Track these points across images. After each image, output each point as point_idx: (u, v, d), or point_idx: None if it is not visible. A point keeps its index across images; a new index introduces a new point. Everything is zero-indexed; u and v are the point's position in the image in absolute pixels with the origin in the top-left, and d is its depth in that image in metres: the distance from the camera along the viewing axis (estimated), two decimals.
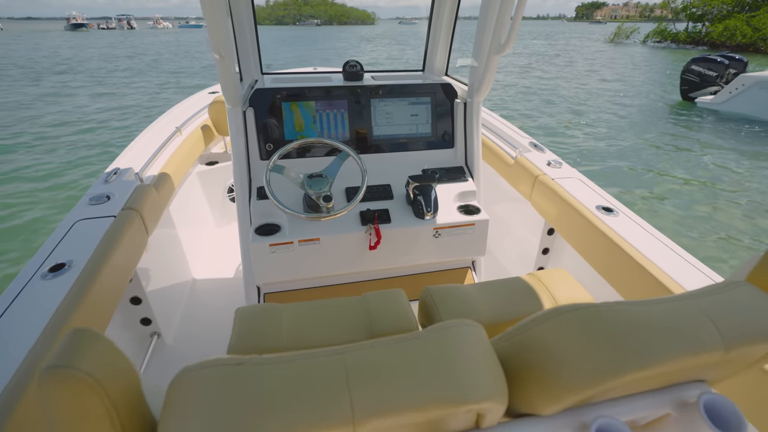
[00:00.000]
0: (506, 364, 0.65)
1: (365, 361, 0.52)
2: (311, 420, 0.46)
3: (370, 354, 0.54)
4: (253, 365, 0.50)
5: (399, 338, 0.57)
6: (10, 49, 27.20)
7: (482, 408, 0.54)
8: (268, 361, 0.51)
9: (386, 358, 0.53)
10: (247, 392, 0.47)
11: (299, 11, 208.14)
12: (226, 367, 0.50)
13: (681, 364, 0.58)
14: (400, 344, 0.56)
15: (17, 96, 11.34)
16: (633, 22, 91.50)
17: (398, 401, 0.49)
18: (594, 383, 0.55)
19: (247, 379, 0.49)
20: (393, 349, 0.55)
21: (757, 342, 0.61)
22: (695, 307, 0.63)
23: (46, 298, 1.13)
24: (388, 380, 0.51)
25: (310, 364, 0.51)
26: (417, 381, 0.51)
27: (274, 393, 0.48)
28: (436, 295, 1.24)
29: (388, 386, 0.50)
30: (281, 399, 0.47)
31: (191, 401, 0.47)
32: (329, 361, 0.52)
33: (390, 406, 0.49)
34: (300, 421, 0.46)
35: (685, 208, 5.06)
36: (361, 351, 0.54)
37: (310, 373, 0.50)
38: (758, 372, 0.96)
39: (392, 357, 0.54)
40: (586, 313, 0.60)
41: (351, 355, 0.53)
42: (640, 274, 1.36)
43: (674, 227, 4.59)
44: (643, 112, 10.05)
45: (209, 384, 0.48)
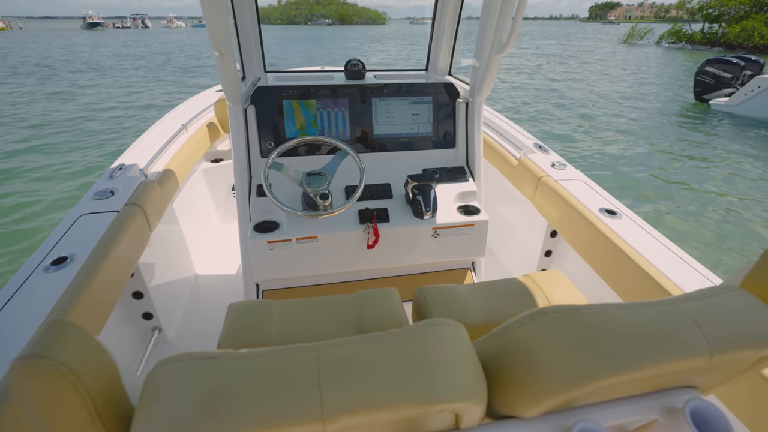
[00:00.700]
0: (489, 365, 0.65)
1: (338, 358, 0.52)
2: (279, 415, 0.46)
3: (344, 350, 0.53)
4: (225, 359, 0.50)
5: (376, 335, 0.57)
6: (29, 47, 27.78)
7: (457, 408, 0.53)
8: (241, 356, 0.51)
9: (360, 355, 0.53)
10: (217, 385, 0.47)
11: (311, 11, 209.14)
12: (198, 361, 0.50)
13: (664, 369, 0.57)
14: (376, 341, 0.55)
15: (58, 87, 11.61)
16: (647, 22, 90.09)
17: (368, 399, 0.49)
18: (573, 386, 0.55)
19: (217, 372, 0.49)
20: (368, 346, 0.55)
21: (745, 348, 0.60)
22: (681, 311, 0.62)
23: (48, 291, 1.15)
24: (359, 377, 0.50)
25: (283, 359, 0.51)
26: (389, 379, 0.51)
27: (242, 387, 0.47)
28: (428, 294, 1.24)
29: (359, 383, 0.50)
30: (249, 393, 0.47)
31: (162, 393, 0.47)
32: (302, 357, 0.52)
33: (360, 403, 0.48)
34: (267, 416, 0.46)
35: (697, 214, 4.93)
36: (336, 347, 0.54)
37: (282, 369, 0.50)
38: (757, 378, 0.94)
39: (366, 354, 0.53)
40: (568, 315, 0.59)
41: (325, 351, 0.53)
42: (642, 279, 1.33)
43: (684, 235, 4.48)
44: (655, 113, 9.89)
45: (180, 377, 0.48)
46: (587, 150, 7.25)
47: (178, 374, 0.49)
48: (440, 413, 0.54)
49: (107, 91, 12.00)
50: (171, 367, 0.49)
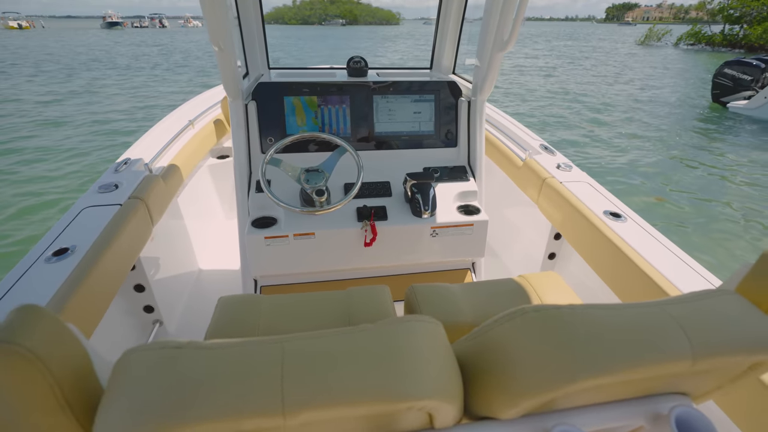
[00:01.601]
0: (467, 365, 0.64)
1: (303, 351, 0.51)
2: (240, 407, 0.46)
3: (311, 344, 0.53)
4: (192, 349, 0.50)
5: (347, 330, 0.56)
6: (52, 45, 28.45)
7: (427, 406, 0.53)
8: (209, 346, 0.51)
9: (326, 349, 0.52)
10: (180, 375, 0.47)
11: (325, 11, 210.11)
12: (165, 350, 0.49)
13: (645, 373, 0.55)
14: (344, 336, 0.55)
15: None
16: (666, 24, 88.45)
17: (330, 393, 0.48)
18: (550, 388, 0.53)
19: (182, 362, 0.48)
20: (336, 340, 0.54)
21: (733, 353, 0.58)
22: (667, 313, 0.60)
23: (48, 281, 1.17)
24: (322, 371, 0.49)
25: (249, 351, 0.51)
26: (353, 374, 0.50)
27: (206, 378, 0.47)
28: (419, 293, 1.23)
29: (321, 377, 0.49)
30: (212, 384, 0.47)
31: (127, 382, 0.47)
32: (267, 349, 0.51)
33: (321, 397, 0.48)
34: (228, 407, 0.45)
35: (710, 219, 4.80)
36: (303, 340, 0.53)
37: (246, 360, 0.49)
38: (756, 384, 0.91)
39: (333, 348, 0.52)
40: (548, 315, 0.58)
41: (291, 344, 0.52)
42: (645, 283, 1.30)
43: (692, 241, 4.35)
44: (670, 116, 9.69)
45: (145, 365, 0.48)
46: (598, 153, 7.13)
47: (143, 363, 0.49)
48: (410, 411, 0.53)
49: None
50: (138, 356, 0.49)
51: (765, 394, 0.90)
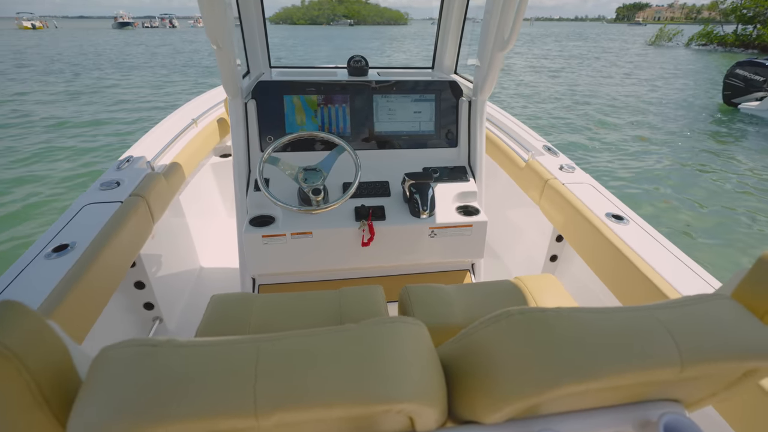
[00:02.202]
0: (452, 367, 0.63)
1: (280, 351, 0.50)
2: (211, 407, 0.45)
3: (289, 344, 0.52)
4: (169, 347, 0.50)
5: (327, 330, 0.55)
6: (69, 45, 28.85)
7: (406, 409, 0.51)
8: (185, 345, 0.50)
9: (303, 349, 0.51)
10: (154, 374, 0.47)
11: (333, 11, 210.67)
12: (141, 348, 0.49)
13: (631, 379, 0.54)
14: (323, 336, 0.54)
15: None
16: (678, 24, 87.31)
17: (304, 395, 0.47)
18: (533, 392, 0.52)
19: (158, 360, 0.48)
20: (313, 340, 0.53)
21: (725, 360, 0.56)
22: (656, 318, 0.58)
23: (47, 277, 1.19)
24: (297, 372, 0.49)
25: (225, 351, 0.50)
26: (330, 375, 0.49)
27: (179, 377, 0.47)
28: (413, 293, 1.22)
29: (296, 378, 0.48)
30: (184, 383, 0.46)
31: (102, 378, 0.47)
32: (243, 348, 0.50)
33: (295, 399, 0.47)
34: (200, 407, 0.45)
35: (721, 228, 4.65)
36: (280, 340, 0.52)
37: (221, 360, 0.49)
38: (755, 390, 0.89)
39: (309, 349, 0.51)
40: (533, 318, 0.57)
41: (268, 344, 0.51)
42: (646, 287, 1.28)
43: (703, 250, 4.23)
44: (680, 117, 9.56)
45: (121, 363, 0.48)
46: (605, 156, 7.04)
47: (119, 360, 0.48)
48: (389, 414, 0.52)
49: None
50: (114, 353, 0.49)
51: (764, 401, 0.88)
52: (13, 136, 7.43)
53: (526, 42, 37.94)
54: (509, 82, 14.56)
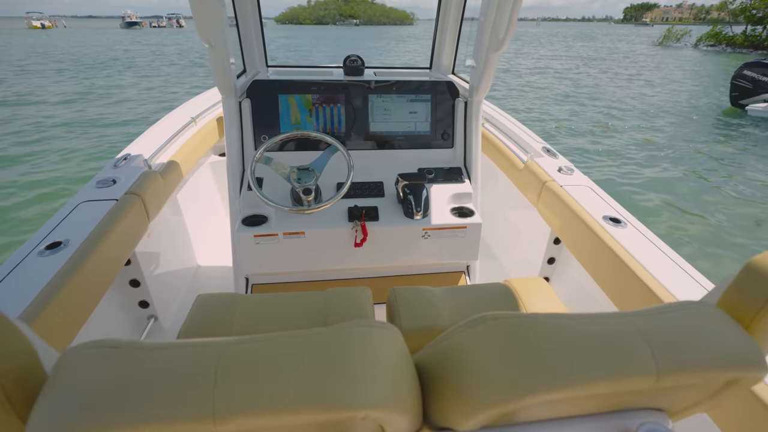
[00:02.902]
0: (428, 373, 0.62)
1: (243, 355, 0.50)
2: (168, 411, 0.44)
3: (253, 347, 0.51)
4: (131, 350, 0.49)
5: (295, 334, 0.54)
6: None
7: (372, 416, 0.50)
8: (148, 347, 0.50)
9: (266, 353, 0.50)
10: (112, 376, 0.46)
11: (339, 11, 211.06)
12: (103, 350, 0.48)
13: (605, 388, 0.53)
14: (291, 339, 0.52)
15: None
16: (686, 24, 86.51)
17: (264, 400, 0.46)
18: (505, 400, 0.51)
19: (118, 363, 0.47)
20: (281, 343, 0.52)
21: (704, 369, 0.55)
22: (634, 326, 0.57)
23: (39, 275, 1.19)
24: (259, 377, 0.47)
25: (186, 354, 0.49)
26: (292, 380, 0.48)
27: (137, 379, 0.46)
28: (400, 295, 1.21)
29: (257, 383, 0.47)
30: (142, 387, 0.45)
31: (62, 380, 0.47)
32: (205, 352, 0.49)
33: (255, 404, 0.46)
34: (156, 411, 0.44)
35: (724, 237, 4.52)
36: (245, 344, 0.51)
37: (182, 363, 0.48)
38: (749, 396, 0.87)
39: (275, 352, 0.50)
40: (507, 324, 0.56)
41: (231, 347, 0.50)
42: (642, 291, 1.26)
43: (706, 258, 4.12)
44: (685, 119, 9.47)
45: (81, 365, 0.47)
46: (607, 160, 6.95)
47: (80, 362, 0.48)
48: (355, 421, 0.50)
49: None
50: (76, 355, 0.48)
51: (757, 408, 0.86)
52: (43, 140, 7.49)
53: (526, 42, 37.76)
54: (514, 81, 14.50)
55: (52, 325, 1.10)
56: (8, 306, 1.07)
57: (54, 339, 1.11)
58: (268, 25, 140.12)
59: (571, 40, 41.53)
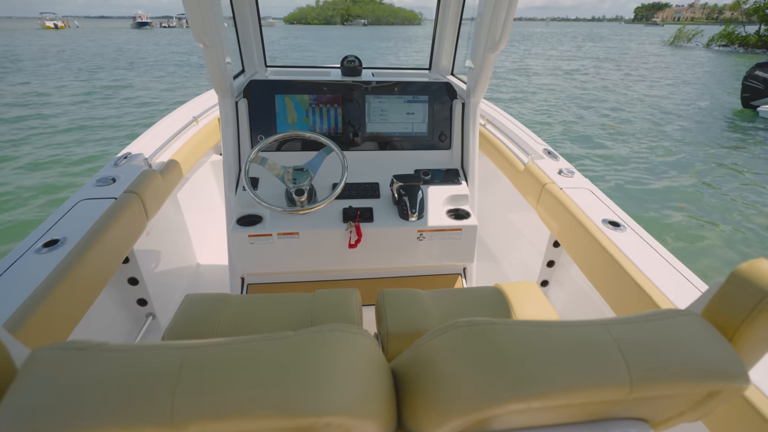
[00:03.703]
0: (403, 378, 0.61)
1: (207, 359, 0.49)
2: (125, 415, 0.43)
3: (217, 351, 0.50)
4: (96, 352, 0.48)
5: (263, 337, 0.53)
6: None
7: (336, 422, 0.48)
8: (115, 349, 0.49)
9: (232, 356, 0.49)
10: (75, 378, 0.45)
11: (347, 11, 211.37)
12: (68, 351, 0.48)
13: (577, 398, 0.51)
14: (257, 344, 0.52)
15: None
16: (698, 24, 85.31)
17: (225, 405, 0.45)
18: (474, 408, 0.50)
19: (81, 365, 0.47)
20: (247, 347, 0.51)
21: (678, 380, 0.54)
22: (609, 334, 0.56)
23: (36, 272, 1.21)
24: (220, 381, 0.46)
25: (149, 356, 0.49)
26: (253, 385, 0.47)
27: (98, 382, 0.45)
28: (387, 298, 1.20)
29: (218, 388, 0.46)
30: (102, 388, 0.45)
31: (26, 381, 0.46)
32: (170, 354, 0.49)
33: (215, 409, 0.45)
34: (113, 414, 0.43)
35: (734, 246, 4.41)
36: (210, 347, 0.50)
37: (145, 365, 0.47)
38: (743, 404, 0.86)
39: (240, 356, 0.49)
40: (479, 330, 0.55)
41: (196, 351, 0.49)
42: (640, 297, 1.24)
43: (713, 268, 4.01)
44: (694, 121, 9.33)
45: (45, 366, 0.47)
46: (613, 164, 6.86)
47: (45, 364, 0.47)
48: (317, 427, 0.49)
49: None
50: (41, 356, 0.48)
51: (753, 416, 0.85)
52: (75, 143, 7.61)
53: (535, 43, 37.47)
54: (525, 82, 14.41)
55: (48, 322, 1.12)
56: (3, 303, 1.09)
57: (50, 336, 1.12)
58: (276, 25, 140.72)
59: (580, 40, 41.18)
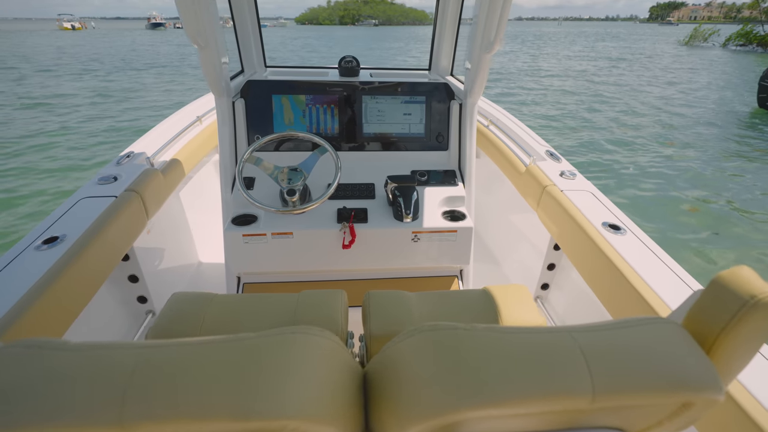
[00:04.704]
0: (370, 382, 0.61)
1: (162, 360, 0.48)
2: (74, 415, 0.43)
3: (173, 352, 0.49)
4: (53, 350, 0.48)
5: (223, 338, 0.52)
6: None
7: (290, 426, 0.47)
8: (71, 348, 0.49)
9: (188, 358, 0.49)
10: (27, 376, 0.45)
11: (358, 11, 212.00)
12: (26, 349, 0.48)
13: (537, 406, 0.50)
14: (214, 345, 0.51)
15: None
16: (715, 23, 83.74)
17: (175, 408, 0.44)
18: (432, 415, 0.49)
19: (36, 362, 0.46)
20: (205, 349, 0.50)
21: (645, 391, 0.52)
22: (575, 342, 0.55)
23: (34, 268, 1.23)
24: (173, 383, 0.46)
25: (106, 356, 0.48)
26: (204, 387, 0.46)
27: (51, 380, 0.45)
28: (373, 300, 1.20)
29: (170, 389, 0.45)
30: (54, 387, 0.44)
31: None
32: (126, 354, 0.48)
33: (164, 412, 0.44)
34: (62, 414, 0.43)
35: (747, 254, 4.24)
36: (166, 348, 0.50)
37: (98, 365, 0.47)
38: (734, 409, 0.84)
39: (196, 358, 0.49)
40: (441, 335, 0.55)
41: (152, 351, 0.49)
42: (637, 302, 1.22)
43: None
44: (707, 123, 9.14)
45: (3, 364, 0.47)
46: (621, 162, 6.76)
47: (3, 361, 0.47)
48: (270, 431, 0.48)
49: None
50: (1, 353, 0.48)
51: (746, 422, 0.83)
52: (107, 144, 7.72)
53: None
54: (533, 83, 14.28)
55: (44, 318, 1.14)
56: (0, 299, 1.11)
57: (45, 332, 1.14)
58: (288, 25, 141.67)
59: (593, 40, 40.66)
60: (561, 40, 40.43)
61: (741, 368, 0.61)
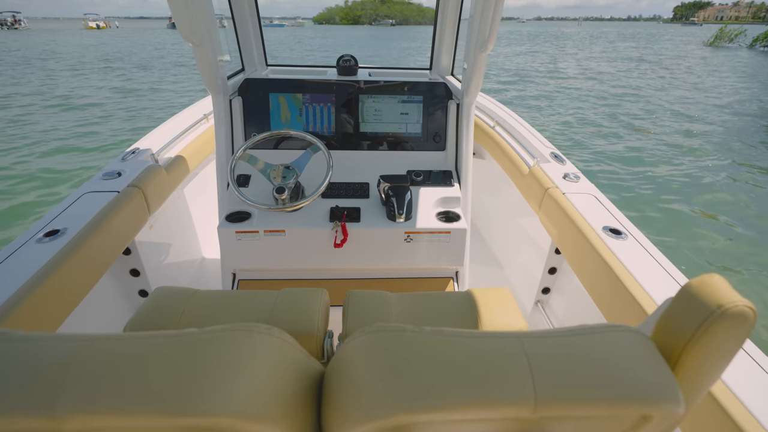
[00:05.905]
0: (325, 382, 0.62)
1: (101, 352, 0.48)
2: (4, 405, 0.43)
3: (113, 345, 0.49)
4: (6, 341, 0.48)
5: (166, 333, 0.52)
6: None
7: (223, 425, 0.46)
8: (16, 338, 0.49)
9: (128, 352, 0.48)
10: None
11: (375, 11, 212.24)
12: None
13: (478, 413, 0.49)
14: (158, 339, 0.50)
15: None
16: (743, 23, 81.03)
17: (106, 402, 0.44)
18: (374, 417, 0.48)
19: None
20: (146, 343, 0.50)
21: (589, 402, 0.50)
22: (522, 349, 0.53)
23: (34, 260, 1.27)
24: (108, 376, 0.46)
25: (47, 347, 0.48)
26: (137, 381, 0.46)
27: None
28: (353, 299, 1.20)
29: (102, 383, 0.45)
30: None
31: None
32: (66, 346, 0.48)
33: (94, 405, 0.44)
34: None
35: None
36: (107, 341, 0.49)
37: (36, 356, 0.47)
38: (720, 413, 0.82)
39: (135, 352, 0.48)
40: (387, 337, 0.54)
41: (92, 343, 0.48)
42: (633, 308, 1.20)
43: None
44: (730, 128, 8.86)
45: None
46: (640, 168, 6.59)
47: None
48: (202, 429, 0.47)
49: None
50: None
51: (728, 424, 0.81)
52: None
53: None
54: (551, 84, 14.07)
55: (42, 308, 1.17)
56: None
57: (41, 323, 1.17)
58: (305, 25, 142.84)
59: (608, 41, 39.80)
60: (587, 41, 39.69)
61: (714, 379, 0.58)
